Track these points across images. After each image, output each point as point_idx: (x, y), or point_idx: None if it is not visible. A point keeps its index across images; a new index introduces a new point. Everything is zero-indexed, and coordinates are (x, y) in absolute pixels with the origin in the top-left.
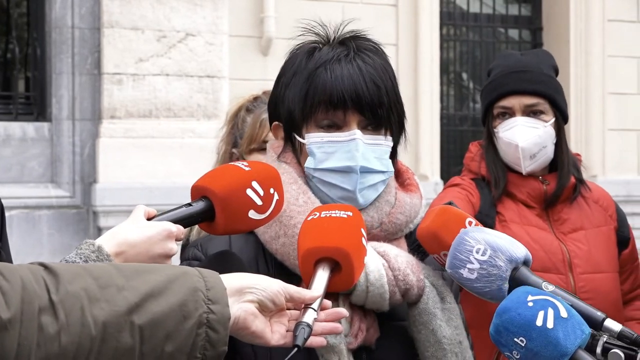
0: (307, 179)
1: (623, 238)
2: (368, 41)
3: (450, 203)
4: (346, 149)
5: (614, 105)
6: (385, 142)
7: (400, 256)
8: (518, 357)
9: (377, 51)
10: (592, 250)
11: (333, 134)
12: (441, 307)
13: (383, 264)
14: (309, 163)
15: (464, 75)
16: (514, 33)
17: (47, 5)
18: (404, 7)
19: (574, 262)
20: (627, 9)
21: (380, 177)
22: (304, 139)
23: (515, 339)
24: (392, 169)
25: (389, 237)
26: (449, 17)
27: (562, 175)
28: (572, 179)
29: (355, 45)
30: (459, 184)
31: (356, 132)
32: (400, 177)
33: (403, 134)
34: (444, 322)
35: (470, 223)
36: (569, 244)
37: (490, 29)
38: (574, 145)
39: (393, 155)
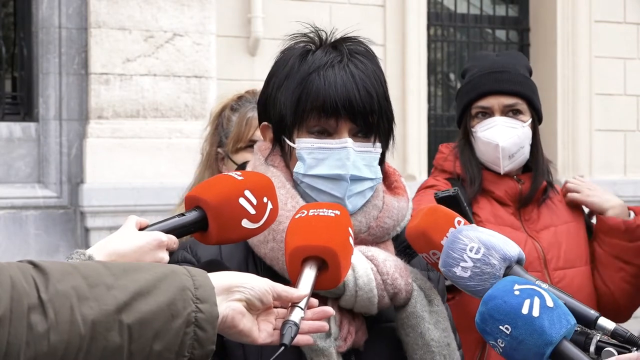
0: (294, 183)
1: (591, 225)
2: (360, 44)
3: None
4: (337, 157)
5: (600, 106)
6: (374, 150)
7: (388, 260)
8: (503, 345)
9: (368, 55)
10: (563, 246)
11: (324, 141)
12: (429, 310)
13: (372, 268)
14: (298, 168)
15: (452, 76)
16: (501, 34)
17: (34, 5)
18: (392, 7)
19: (547, 258)
20: (613, 10)
21: (368, 184)
22: (294, 143)
23: (501, 327)
24: (381, 176)
25: (376, 240)
26: (437, 18)
27: (537, 176)
28: (544, 181)
29: (348, 50)
30: (433, 186)
31: (348, 140)
32: (388, 179)
33: (391, 139)
34: (432, 325)
35: (459, 222)
36: (542, 241)
37: (478, 29)
38: (561, 146)
39: (381, 160)
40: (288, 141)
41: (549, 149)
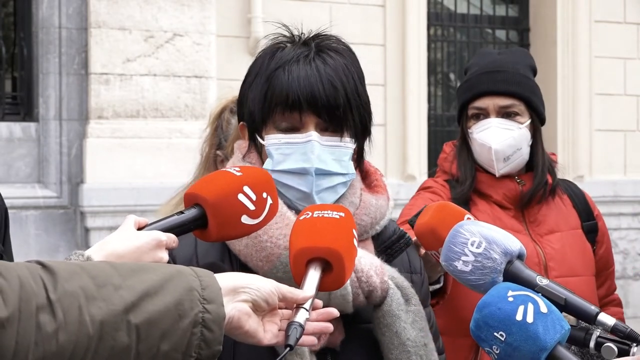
0: None
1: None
2: (332, 40)
3: (412, 221)
4: (302, 151)
5: (600, 106)
6: (343, 144)
7: (363, 258)
8: (498, 352)
9: (341, 51)
10: (568, 252)
11: (290, 136)
12: (405, 309)
13: None
14: (267, 164)
15: (452, 76)
16: (501, 34)
17: (34, 5)
18: (392, 7)
19: (549, 265)
20: (613, 10)
21: (339, 179)
22: (263, 140)
23: (495, 334)
24: (353, 171)
25: None
26: (437, 18)
27: (537, 176)
28: (549, 179)
29: (317, 46)
30: (430, 187)
31: (312, 134)
32: (368, 178)
33: (368, 135)
34: (409, 325)
35: (468, 219)
36: (545, 246)
37: (478, 29)
38: (561, 145)
39: (360, 157)
40: (259, 138)
41: (549, 149)
